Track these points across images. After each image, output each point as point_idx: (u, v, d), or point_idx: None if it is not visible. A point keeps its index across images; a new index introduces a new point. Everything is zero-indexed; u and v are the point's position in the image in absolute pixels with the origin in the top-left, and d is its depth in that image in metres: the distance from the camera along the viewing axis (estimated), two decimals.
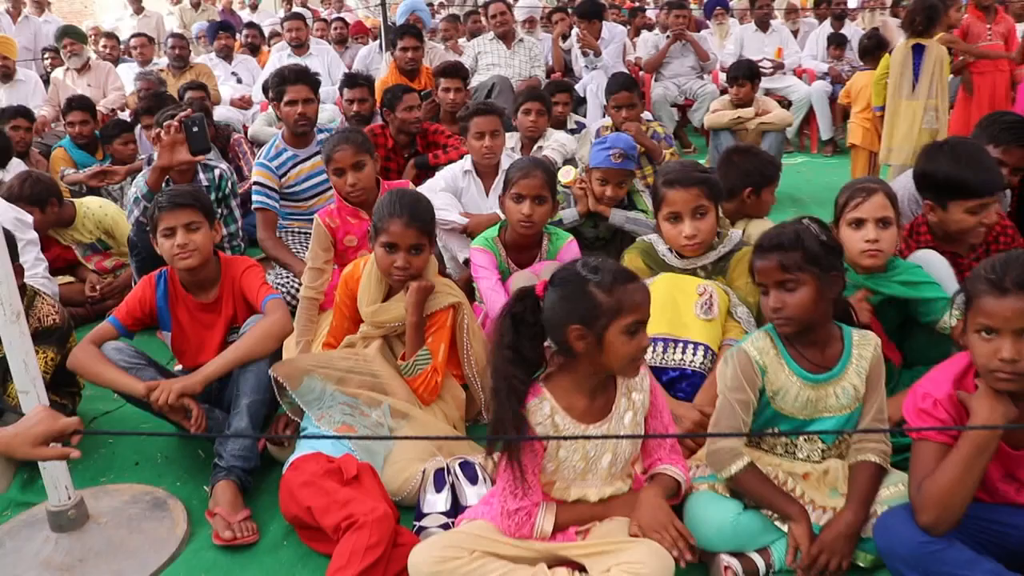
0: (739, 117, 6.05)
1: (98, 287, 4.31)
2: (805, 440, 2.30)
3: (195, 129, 3.74)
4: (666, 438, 2.18)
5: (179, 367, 3.13)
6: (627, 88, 5.07)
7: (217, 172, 4.06)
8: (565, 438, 2.09)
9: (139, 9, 11.43)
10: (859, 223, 2.67)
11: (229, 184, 4.07)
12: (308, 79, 4.44)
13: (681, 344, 2.68)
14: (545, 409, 2.09)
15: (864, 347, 2.28)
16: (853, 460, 2.25)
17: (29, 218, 3.84)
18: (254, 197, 4.46)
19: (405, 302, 2.76)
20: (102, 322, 2.94)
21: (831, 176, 7.00)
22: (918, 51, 5.33)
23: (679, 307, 2.72)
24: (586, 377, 2.10)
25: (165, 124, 3.77)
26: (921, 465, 2.02)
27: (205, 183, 4.00)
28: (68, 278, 4.48)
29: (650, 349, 2.68)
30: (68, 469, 2.49)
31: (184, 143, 3.73)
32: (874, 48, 6.39)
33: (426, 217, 2.78)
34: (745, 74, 6.10)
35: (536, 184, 3.17)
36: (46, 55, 8.71)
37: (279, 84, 4.43)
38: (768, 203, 3.56)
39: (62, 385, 3.12)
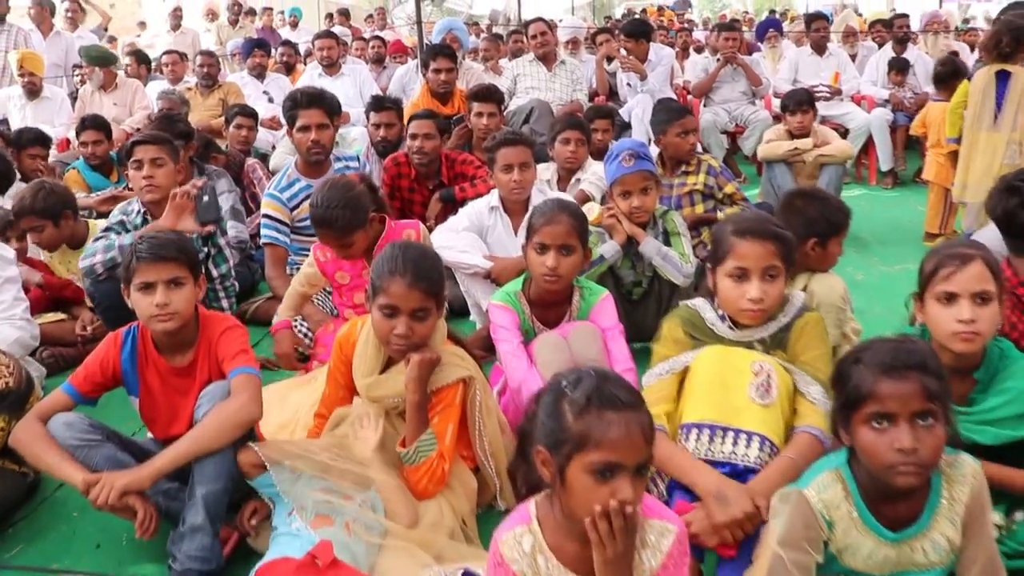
0: (796, 148, 5.57)
1: (89, 327, 3.95)
2: None
3: (205, 199, 3.54)
4: None
5: (150, 435, 2.74)
6: (689, 111, 4.64)
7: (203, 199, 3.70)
8: None
9: (176, 26, 11.27)
10: (951, 298, 2.20)
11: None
12: (323, 103, 4.08)
13: (732, 433, 2.21)
14: (525, 544, 1.68)
15: (958, 484, 1.79)
16: None
17: (11, 253, 3.51)
18: (262, 231, 4.12)
19: (405, 376, 2.34)
20: (55, 390, 2.55)
21: (892, 211, 6.50)
22: (1002, 78, 4.81)
23: (729, 388, 2.25)
24: (570, 516, 1.64)
25: (180, 191, 3.50)
26: None
27: None
28: (60, 315, 4.13)
29: (693, 438, 2.24)
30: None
31: (193, 211, 3.49)
32: (949, 76, 5.86)
33: (432, 276, 2.35)
34: (805, 99, 5.65)
35: (562, 232, 2.74)
36: (76, 72, 8.53)
37: (291, 108, 4.08)
38: (834, 255, 3.10)
39: None
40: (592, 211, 3.56)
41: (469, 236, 3.75)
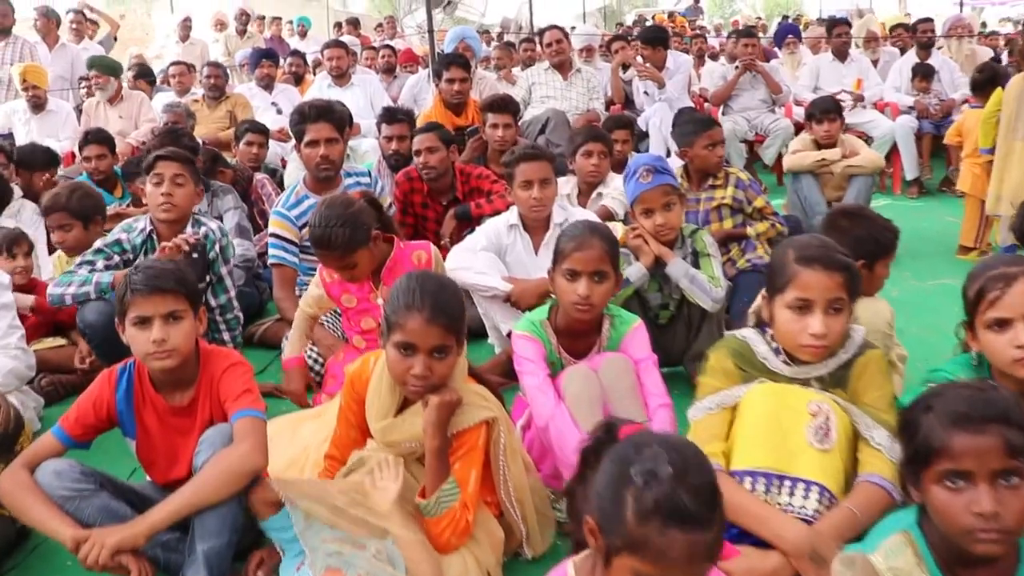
0: (823, 159, 5.36)
1: (87, 359, 3.76)
2: None
3: (195, 256, 3.35)
4: None
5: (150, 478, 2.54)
6: (716, 123, 4.43)
7: (203, 230, 3.49)
8: None
9: (185, 36, 11.11)
10: (1003, 323, 1.98)
11: (218, 246, 3.49)
12: (331, 117, 3.88)
13: (789, 483, 2.01)
14: None
15: None
16: None
17: (4, 278, 3.32)
18: (270, 251, 3.93)
19: (423, 420, 2.13)
20: (44, 434, 2.35)
21: (920, 222, 6.27)
22: None
23: (785, 431, 2.05)
24: None
25: (171, 243, 3.33)
26: None
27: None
28: (59, 341, 3.95)
29: (747, 487, 2.03)
30: None
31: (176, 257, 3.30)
32: (987, 82, 5.63)
33: (453, 311, 2.13)
34: (832, 107, 5.45)
35: (594, 257, 2.53)
36: (82, 84, 8.38)
37: (299, 122, 3.89)
38: (882, 278, 2.90)
39: None
40: (616, 231, 3.36)
41: (487, 256, 3.56)
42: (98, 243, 3.51)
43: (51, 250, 4.99)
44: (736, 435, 2.13)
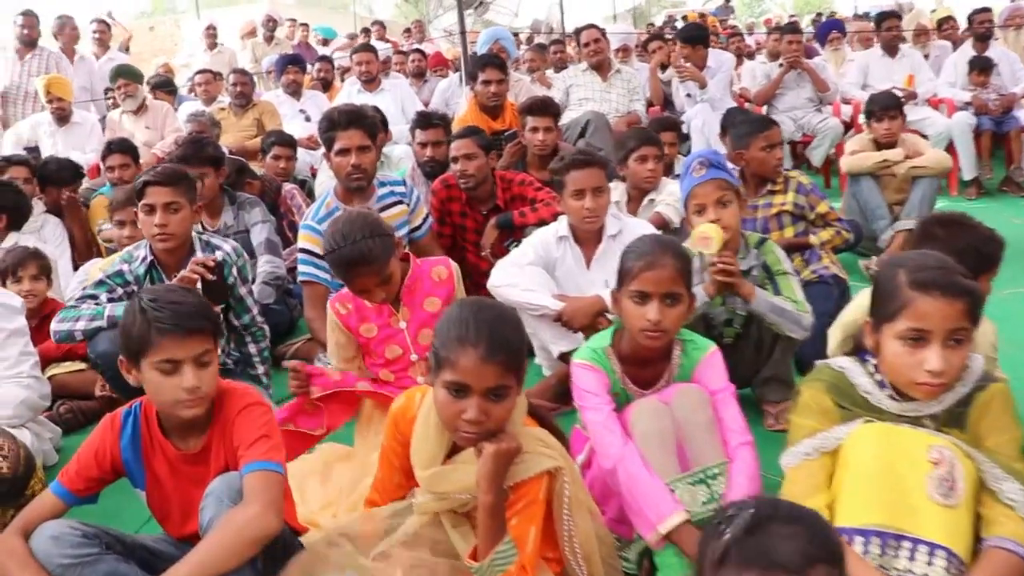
0: (886, 160, 5.03)
1: (107, 385, 3.54)
2: None
3: (213, 277, 3.10)
4: None
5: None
6: (773, 122, 4.11)
7: (219, 255, 3.22)
8: None
9: (212, 44, 10.96)
10: None
11: (235, 269, 3.24)
12: (363, 123, 3.60)
13: (908, 544, 1.70)
14: None
15: None
16: None
17: (17, 302, 3.10)
18: (300, 267, 3.67)
19: (477, 471, 1.84)
20: (43, 492, 2.08)
21: None
22: None
23: (902, 481, 1.74)
24: None
25: (189, 271, 3.07)
26: None
27: None
28: (79, 365, 3.73)
29: (859, 548, 1.73)
30: None
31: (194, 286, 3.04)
32: None
33: (513, 346, 1.83)
34: (893, 104, 5.15)
35: (666, 277, 2.23)
36: (108, 95, 8.23)
37: (328, 129, 3.62)
38: (984, 295, 2.58)
39: None
40: (709, 241, 2.90)
41: (535, 272, 3.26)
42: (99, 275, 3.27)
43: (75, 266, 4.81)
44: (842, 485, 1.82)
